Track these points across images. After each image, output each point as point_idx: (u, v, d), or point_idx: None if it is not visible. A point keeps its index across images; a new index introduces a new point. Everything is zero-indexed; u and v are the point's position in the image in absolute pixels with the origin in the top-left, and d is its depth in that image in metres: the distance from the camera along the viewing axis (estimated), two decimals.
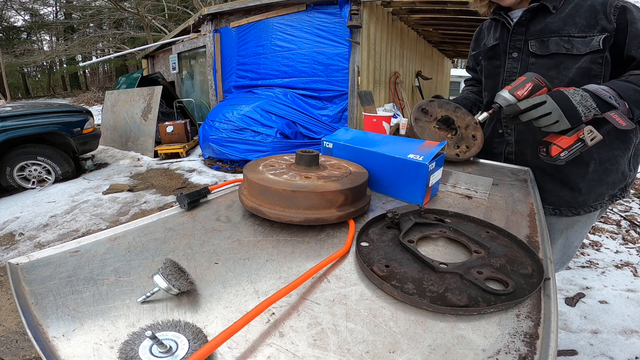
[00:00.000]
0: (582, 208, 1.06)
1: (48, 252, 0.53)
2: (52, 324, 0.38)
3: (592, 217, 1.10)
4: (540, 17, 0.98)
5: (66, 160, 4.29)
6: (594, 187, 1.03)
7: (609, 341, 1.62)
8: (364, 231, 0.59)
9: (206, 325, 0.39)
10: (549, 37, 0.97)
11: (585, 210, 1.06)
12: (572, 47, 0.93)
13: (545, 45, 0.97)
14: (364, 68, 4.57)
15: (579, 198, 1.05)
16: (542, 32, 0.98)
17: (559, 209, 1.08)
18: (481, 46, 1.20)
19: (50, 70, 23.41)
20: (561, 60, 0.96)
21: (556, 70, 0.97)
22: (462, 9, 4.65)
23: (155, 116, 5.53)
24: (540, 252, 0.58)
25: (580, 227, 1.12)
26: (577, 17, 0.92)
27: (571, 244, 1.15)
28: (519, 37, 1.03)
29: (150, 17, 16.33)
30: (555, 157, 0.84)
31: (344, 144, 0.87)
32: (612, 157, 1.00)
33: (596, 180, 1.02)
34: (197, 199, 0.74)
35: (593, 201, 1.05)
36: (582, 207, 1.06)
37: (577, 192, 1.04)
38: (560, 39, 0.94)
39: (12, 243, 2.79)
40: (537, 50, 0.99)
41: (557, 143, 0.84)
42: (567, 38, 0.93)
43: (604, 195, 1.05)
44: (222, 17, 5.73)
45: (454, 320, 0.40)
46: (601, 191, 1.04)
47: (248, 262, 0.52)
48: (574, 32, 0.92)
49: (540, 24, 0.98)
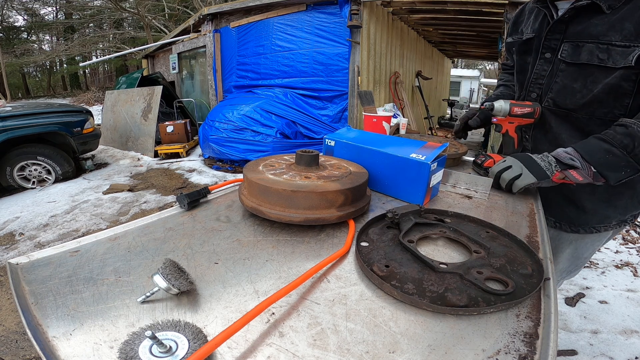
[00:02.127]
0: (582, 227, 0.99)
1: (48, 252, 0.53)
2: (52, 324, 0.38)
3: (601, 237, 1.03)
4: (586, 17, 0.82)
5: (66, 160, 4.29)
6: (600, 208, 0.95)
7: (608, 341, 1.62)
8: (364, 231, 0.59)
9: (206, 325, 0.39)
10: (585, 42, 0.81)
11: (586, 230, 0.99)
12: (609, 57, 0.78)
13: (578, 52, 0.83)
14: (364, 68, 4.57)
15: (582, 216, 0.98)
16: (580, 34, 0.82)
17: (560, 223, 1.03)
18: (518, 32, 1.03)
19: (50, 70, 23.39)
20: (591, 72, 0.82)
21: (582, 83, 0.84)
22: (462, 9, 4.65)
23: (156, 116, 5.53)
24: (540, 252, 0.58)
25: (592, 241, 1.05)
26: (626, 21, 0.74)
27: (580, 255, 1.08)
28: (556, 35, 0.88)
29: (150, 17, 16.32)
30: None
31: (346, 142, 0.87)
32: (630, 181, 0.84)
33: (604, 202, 0.94)
34: (197, 199, 0.74)
35: (597, 223, 0.98)
36: (583, 226, 0.99)
37: (581, 211, 0.97)
38: (597, 47, 0.79)
39: (12, 243, 2.79)
40: (567, 56, 0.86)
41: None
42: (605, 46, 0.78)
43: (611, 219, 0.96)
44: (222, 17, 5.73)
45: (454, 320, 0.40)
46: (607, 214, 0.96)
47: (248, 262, 0.52)
48: (616, 39, 0.76)
49: (582, 24, 0.82)
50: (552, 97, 0.92)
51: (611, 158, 0.73)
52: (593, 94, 0.83)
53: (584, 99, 0.85)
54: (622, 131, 0.74)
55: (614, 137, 0.74)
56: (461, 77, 18.99)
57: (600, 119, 0.85)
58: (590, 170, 0.75)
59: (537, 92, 0.97)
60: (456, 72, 18.13)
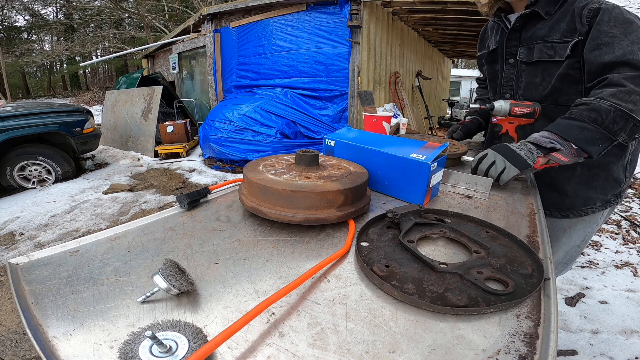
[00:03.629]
0: (570, 211, 1.07)
1: (48, 252, 0.53)
2: (52, 324, 0.38)
3: (591, 219, 1.10)
4: (532, 24, 0.99)
5: (66, 160, 4.29)
6: (580, 190, 1.03)
7: (608, 341, 1.62)
8: (364, 231, 0.59)
9: (206, 325, 0.39)
10: (535, 44, 0.97)
11: (575, 213, 1.07)
12: (555, 53, 0.93)
13: (531, 53, 0.98)
14: (364, 68, 4.57)
15: (566, 201, 1.06)
16: (531, 38, 0.99)
17: (549, 210, 1.08)
18: (485, 47, 1.20)
19: (50, 70, 23.41)
20: (545, 67, 0.97)
21: (541, 77, 0.99)
22: (462, 9, 4.65)
23: (156, 116, 5.53)
24: (540, 252, 0.58)
25: (583, 227, 1.11)
26: (562, 22, 0.91)
27: (573, 243, 1.15)
28: (513, 42, 1.04)
29: (150, 17, 16.33)
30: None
31: (346, 142, 0.87)
32: (602, 162, 0.99)
33: (582, 184, 1.02)
34: (197, 199, 0.74)
35: (582, 205, 1.05)
36: (570, 209, 1.07)
37: (564, 195, 1.05)
38: (544, 46, 0.95)
39: (12, 243, 2.79)
40: (524, 57, 1.01)
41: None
42: (550, 44, 0.93)
43: (594, 200, 1.04)
44: (222, 17, 5.73)
45: (454, 320, 0.40)
46: (589, 195, 1.04)
47: (248, 262, 0.52)
48: (557, 37, 0.92)
49: (530, 30, 0.99)
50: (521, 94, 1.06)
51: (587, 133, 0.79)
52: (552, 85, 0.97)
53: (546, 90, 0.99)
54: (585, 108, 0.81)
55: (580, 114, 0.81)
56: (461, 77, 18.99)
57: (564, 105, 0.93)
58: (572, 148, 0.80)
59: (510, 92, 1.10)
60: (456, 72, 18.13)
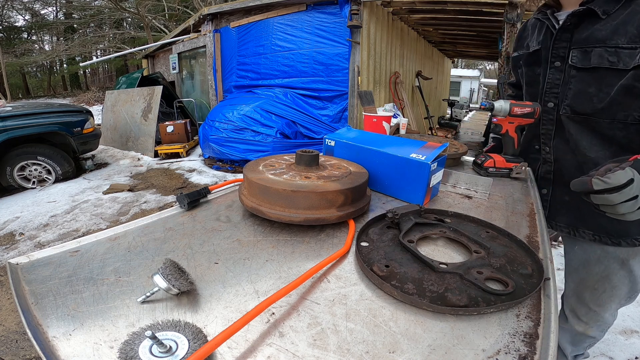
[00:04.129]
0: (623, 239, 0.91)
1: (48, 252, 0.53)
2: (52, 324, 0.38)
3: None
4: (588, 23, 0.85)
5: (66, 160, 4.29)
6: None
7: (609, 341, 1.62)
8: (364, 231, 0.59)
9: (206, 325, 0.39)
10: (593, 47, 0.83)
11: (628, 242, 0.91)
12: (619, 60, 0.79)
13: (588, 57, 0.84)
14: (364, 68, 4.57)
15: (618, 227, 0.91)
16: (587, 40, 0.84)
17: (599, 236, 0.95)
18: (524, 46, 1.06)
19: (50, 70, 23.40)
20: (603, 76, 0.83)
21: (596, 87, 0.85)
22: (462, 9, 4.65)
23: (156, 116, 5.53)
24: (540, 252, 0.58)
25: None
26: (629, 25, 0.77)
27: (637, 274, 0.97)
28: (563, 44, 0.90)
29: (150, 17, 16.33)
30: None
31: (346, 142, 0.87)
32: None
33: None
34: (197, 199, 0.74)
35: (638, 234, 0.90)
36: (624, 237, 0.91)
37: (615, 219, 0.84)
38: (606, 50, 0.81)
39: (12, 243, 2.79)
40: (577, 62, 0.87)
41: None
42: (613, 49, 0.79)
43: None
44: (222, 17, 5.73)
45: (454, 320, 0.40)
46: None
47: (248, 262, 0.52)
48: (622, 42, 0.78)
49: (586, 31, 0.85)
50: (568, 103, 0.92)
51: None
52: (611, 97, 0.82)
53: (602, 102, 0.84)
54: None
55: None
56: (461, 77, 19.01)
57: (622, 122, 0.83)
58: None
59: (554, 101, 0.95)
60: (456, 72, 18.14)
